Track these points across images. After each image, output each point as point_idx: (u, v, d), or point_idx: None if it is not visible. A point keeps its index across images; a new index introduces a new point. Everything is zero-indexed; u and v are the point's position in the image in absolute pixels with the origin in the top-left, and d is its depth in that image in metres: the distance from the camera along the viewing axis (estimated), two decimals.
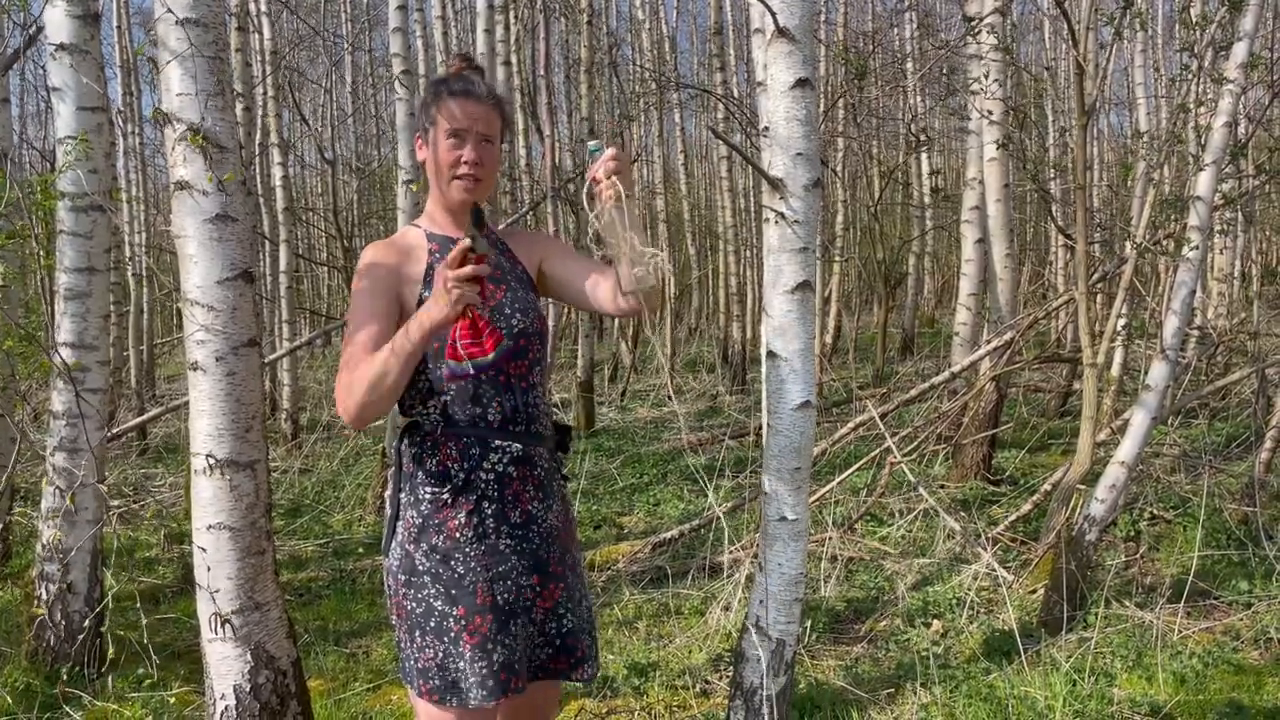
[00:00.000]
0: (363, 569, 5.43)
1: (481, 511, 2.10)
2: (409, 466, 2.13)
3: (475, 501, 2.10)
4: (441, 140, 2.11)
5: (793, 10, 2.51)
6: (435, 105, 2.13)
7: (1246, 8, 4.22)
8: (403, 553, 2.10)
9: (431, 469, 2.10)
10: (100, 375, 4.00)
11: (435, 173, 2.15)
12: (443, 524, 2.08)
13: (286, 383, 9.50)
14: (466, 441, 2.09)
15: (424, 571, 2.07)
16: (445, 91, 2.13)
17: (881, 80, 14.38)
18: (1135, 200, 6.67)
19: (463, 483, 2.09)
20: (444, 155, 2.11)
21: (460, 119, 2.10)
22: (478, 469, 2.10)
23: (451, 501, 2.08)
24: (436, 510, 2.08)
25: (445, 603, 2.06)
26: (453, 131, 2.10)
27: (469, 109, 2.11)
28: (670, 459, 7.95)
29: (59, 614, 3.93)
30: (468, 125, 2.10)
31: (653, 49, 16.18)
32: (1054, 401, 8.99)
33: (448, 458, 2.09)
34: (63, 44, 3.74)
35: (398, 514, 2.12)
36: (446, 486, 2.08)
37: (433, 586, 2.07)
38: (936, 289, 20.05)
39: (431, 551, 2.07)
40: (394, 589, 2.12)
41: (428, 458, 2.10)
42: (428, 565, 2.07)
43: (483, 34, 8.55)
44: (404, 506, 2.12)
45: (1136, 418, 4.25)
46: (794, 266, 2.59)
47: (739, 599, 4.32)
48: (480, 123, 2.12)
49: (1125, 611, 4.16)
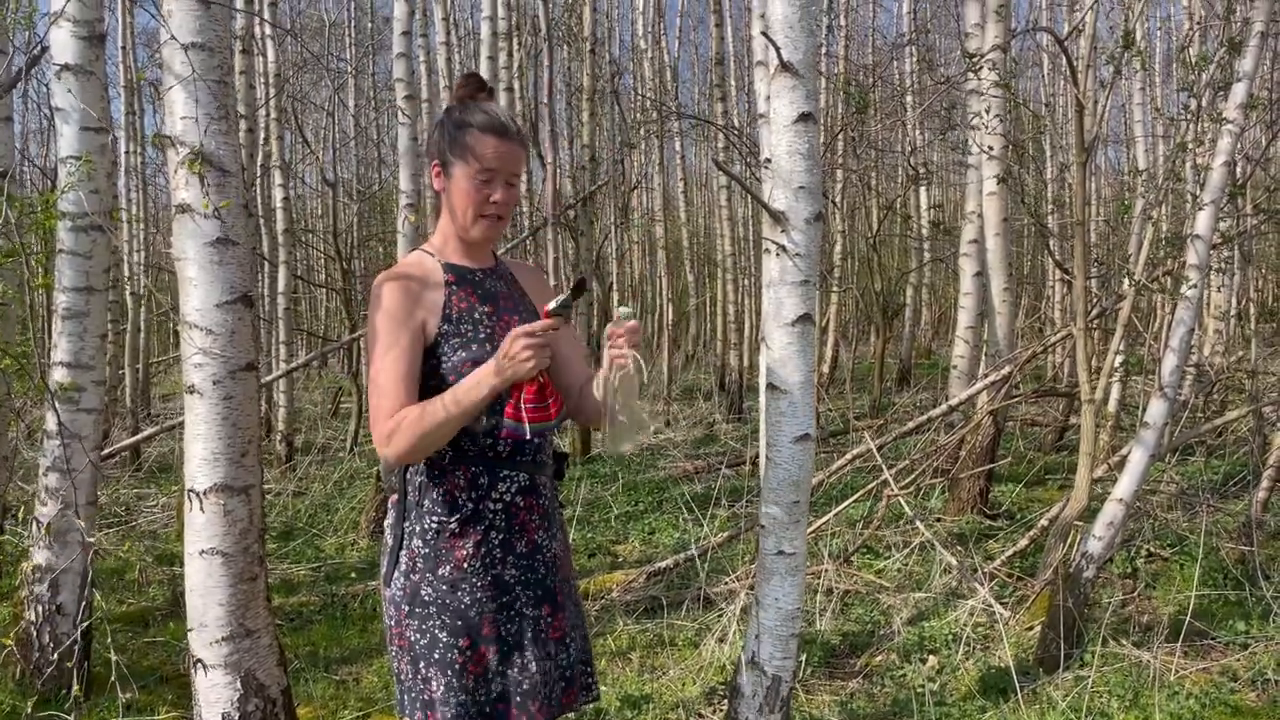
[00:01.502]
0: (355, 594, 5.39)
1: (489, 541, 2.08)
2: (414, 495, 2.09)
3: (483, 531, 2.08)
4: (471, 177, 2.07)
5: (796, 45, 2.52)
6: (464, 139, 2.08)
7: (1246, 49, 4.26)
8: (406, 582, 2.07)
9: (438, 498, 2.07)
10: (95, 395, 3.98)
11: (458, 207, 2.11)
12: (450, 554, 2.06)
13: (282, 404, 9.48)
14: (475, 471, 2.07)
15: (430, 601, 2.05)
16: (476, 126, 2.08)
17: (882, 113, 14.47)
18: (1133, 237, 6.70)
19: (471, 512, 2.07)
20: (473, 193, 2.07)
21: (493, 160, 2.06)
22: (486, 499, 2.08)
23: (459, 531, 2.06)
24: (444, 540, 2.06)
25: (450, 634, 2.04)
26: (484, 171, 2.07)
27: (503, 150, 2.07)
28: (666, 487, 7.92)
29: (47, 635, 3.89)
30: (500, 167, 2.07)
31: (654, 77, 16.29)
32: (1051, 436, 8.98)
33: (455, 487, 2.07)
34: (67, 64, 3.75)
35: (401, 544, 2.09)
36: (454, 516, 2.06)
37: (438, 617, 2.04)
38: (934, 320, 20.09)
39: (438, 582, 2.05)
40: (396, 619, 2.09)
41: (434, 487, 2.07)
42: (433, 595, 2.05)
43: (486, 60, 8.61)
44: (408, 536, 2.09)
45: (1135, 455, 4.24)
46: (795, 299, 2.59)
47: (734, 631, 4.29)
48: (510, 163, 2.09)
49: (1122, 650, 4.13)
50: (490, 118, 2.09)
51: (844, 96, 11.65)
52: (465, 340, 2.06)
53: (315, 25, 20.04)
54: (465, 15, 17.24)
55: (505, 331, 2.11)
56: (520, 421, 1.98)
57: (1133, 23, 4.90)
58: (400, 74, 6.92)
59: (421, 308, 2.06)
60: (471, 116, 2.10)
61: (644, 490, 7.80)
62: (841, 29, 14.35)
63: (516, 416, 1.99)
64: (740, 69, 17.47)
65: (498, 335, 2.10)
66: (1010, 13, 6.44)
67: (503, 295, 2.19)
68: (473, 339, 2.07)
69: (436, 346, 2.05)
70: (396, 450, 1.97)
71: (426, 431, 1.94)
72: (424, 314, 2.06)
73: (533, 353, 1.88)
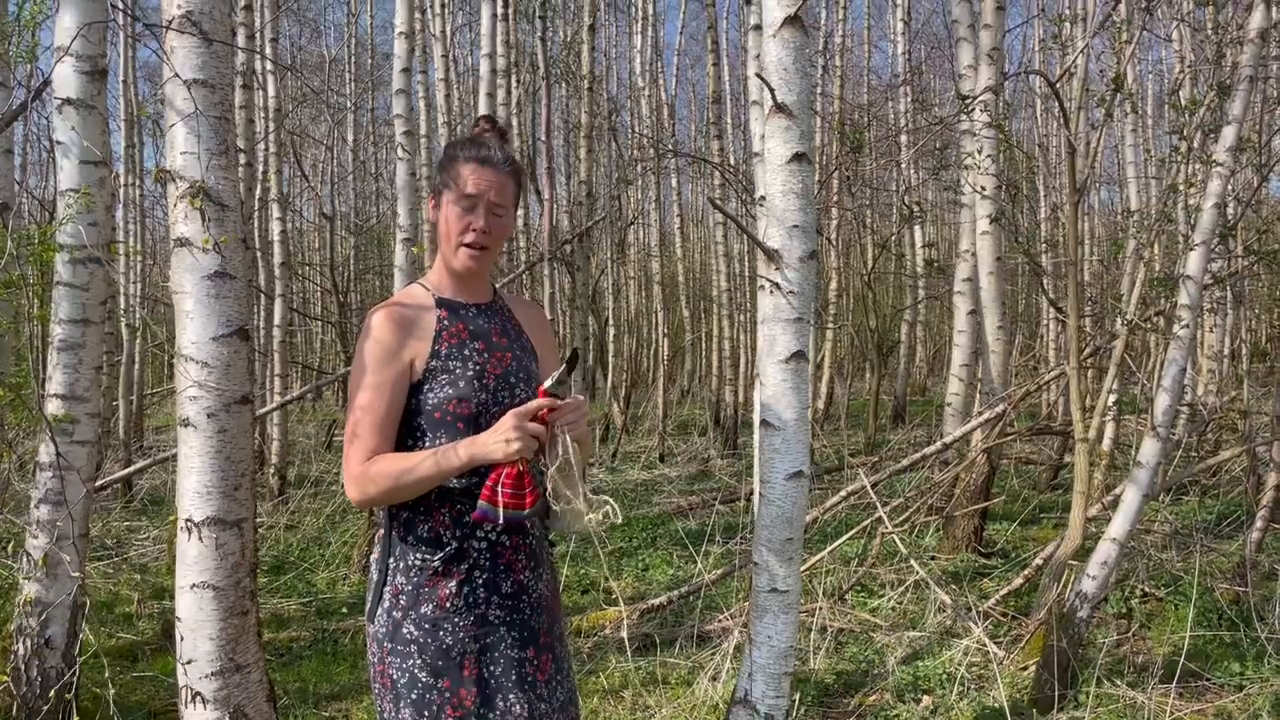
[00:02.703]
0: (345, 629, 5.35)
1: (473, 581, 2.05)
2: (399, 531, 2.06)
3: (467, 571, 2.04)
4: (453, 205, 2.08)
5: (790, 86, 2.55)
6: (451, 168, 2.10)
7: (1235, 93, 4.31)
8: (389, 620, 2.03)
9: (423, 535, 2.04)
10: (90, 427, 3.97)
11: (444, 237, 2.11)
12: (433, 592, 2.02)
13: (276, 437, 9.45)
14: (460, 508, 2.03)
15: (410, 640, 2.01)
16: (461, 156, 2.10)
17: (876, 153, 14.60)
18: (1126, 278, 6.74)
19: (455, 551, 2.03)
20: (454, 221, 2.08)
21: (472, 187, 2.07)
22: (470, 537, 2.04)
23: (443, 570, 2.03)
24: (426, 578, 2.03)
25: (429, 674, 2.00)
26: (465, 197, 2.07)
27: (483, 176, 2.07)
28: (660, 523, 7.89)
29: (35, 669, 3.85)
30: (479, 193, 2.07)
31: (652, 115, 16.43)
32: (1046, 474, 8.98)
33: (440, 524, 2.03)
34: (69, 99, 3.78)
35: (385, 580, 2.06)
36: (438, 554, 2.03)
37: (419, 657, 2.01)
38: (928, 357, 20.14)
39: (420, 620, 2.01)
40: (378, 656, 2.05)
41: (420, 523, 2.04)
42: (414, 634, 2.01)
43: (484, 97, 8.68)
44: (392, 572, 2.05)
45: (1128, 495, 4.24)
46: (788, 336, 2.60)
47: (727, 669, 4.27)
48: (493, 190, 2.08)
49: (1117, 691, 4.11)
50: (477, 147, 2.11)
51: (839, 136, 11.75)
52: (453, 377, 2.05)
53: (316, 61, 20.22)
54: (465, 52, 17.41)
55: (496, 367, 2.10)
56: (494, 506, 1.95)
57: (1123, 66, 4.97)
58: (399, 110, 6.98)
59: (411, 344, 2.05)
60: (460, 148, 2.12)
61: (638, 526, 7.77)
62: (836, 69, 14.51)
63: (492, 500, 1.95)
64: (737, 107, 17.63)
65: (488, 371, 2.09)
66: (1003, 55, 6.53)
67: (495, 331, 2.17)
68: (460, 376, 2.06)
69: (423, 383, 2.05)
70: (364, 497, 1.99)
71: (399, 487, 1.97)
72: (412, 350, 2.05)
73: (518, 435, 1.91)
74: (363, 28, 18.64)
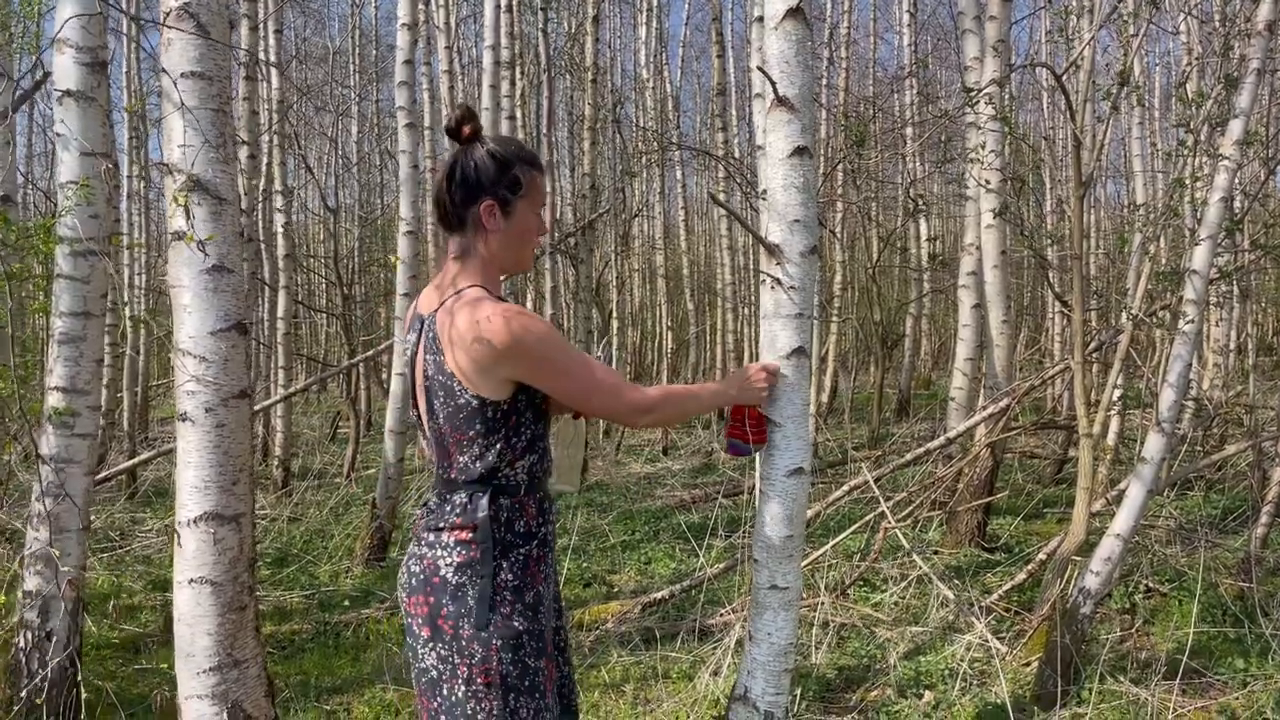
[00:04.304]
0: (348, 622, 5.35)
1: (547, 562, 2.20)
2: (499, 532, 2.12)
3: (546, 554, 2.20)
4: (532, 213, 2.23)
5: (792, 80, 2.53)
6: (527, 177, 2.21)
7: (1243, 85, 4.28)
8: (500, 618, 2.08)
9: (520, 530, 2.14)
10: (91, 420, 3.97)
11: (516, 240, 2.22)
12: (533, 580, 2.14)
13: (280, 429, 9.45)
14: (540, 497, 2.20)
15: (522, 631, 2.09)
16: (534, 165, 2.23)
17: (881, 145, 14.54)
18: (1131, 272, 6.71)
19: (541, 537, 2.18)
20: (535, 225, 2.24)
21: (546, 195, 2.28)
22: (546, 523, 2.21)
23: (537, 557, 2.16)
24: (527, 569, 2.13)
25: (535, 657, 2.11)
26: (543, 206, 2.25)
27: (546, 184, 2.30)
28: (663, 516, 7.89)
29: (36, 662, 3.85)
30: (547, 201, 2.30)
31: (656, 107, 16.38)
32: (1050, 468, 8.95)
33: (530, 516, 2.16)
34: (69, 90, 3.77)
35: (493, 580, 2.09)
36: (533, 543, 2.15)
37: (529, 644, 2.10)
38: (933, 351, 20.09)
39: (525, 609, 2.11)
40: (482, 657, 2.06)
41: (516, 520, 2.14)
42: (523, 625, 2.10)
43: (488, 89, 8.66)
44: (501, 571, 2.10)
45: (1132, 490, 4.22)
46: (789, 332, 2.58)
47: (728, 664, 4.26)
48: None
49: (1120, 687, 4.10)
50: (535, 154, 2.30)
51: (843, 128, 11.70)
52: None
53: (320, 53, 20.19)
54: (469, 44, 17.35)
55: None
56: (746, 441, 2.41)
57: (1130, 59, 4.93)
58: (402, 102, 6.95)
59: None
60: (522, 152, 2.24)
61: (640, 520, 7.76)
62: (842, 61, 14.45)
63: (743, 437, 2.41)
64: (741, 99, 17.58)
65: None
66: (1009, 47, 6.48)
67: None
68: None
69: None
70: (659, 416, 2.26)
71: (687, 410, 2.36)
72: None
73: (767, 384, 2.44)
74: (367, 19, 18.61)
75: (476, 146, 2.17)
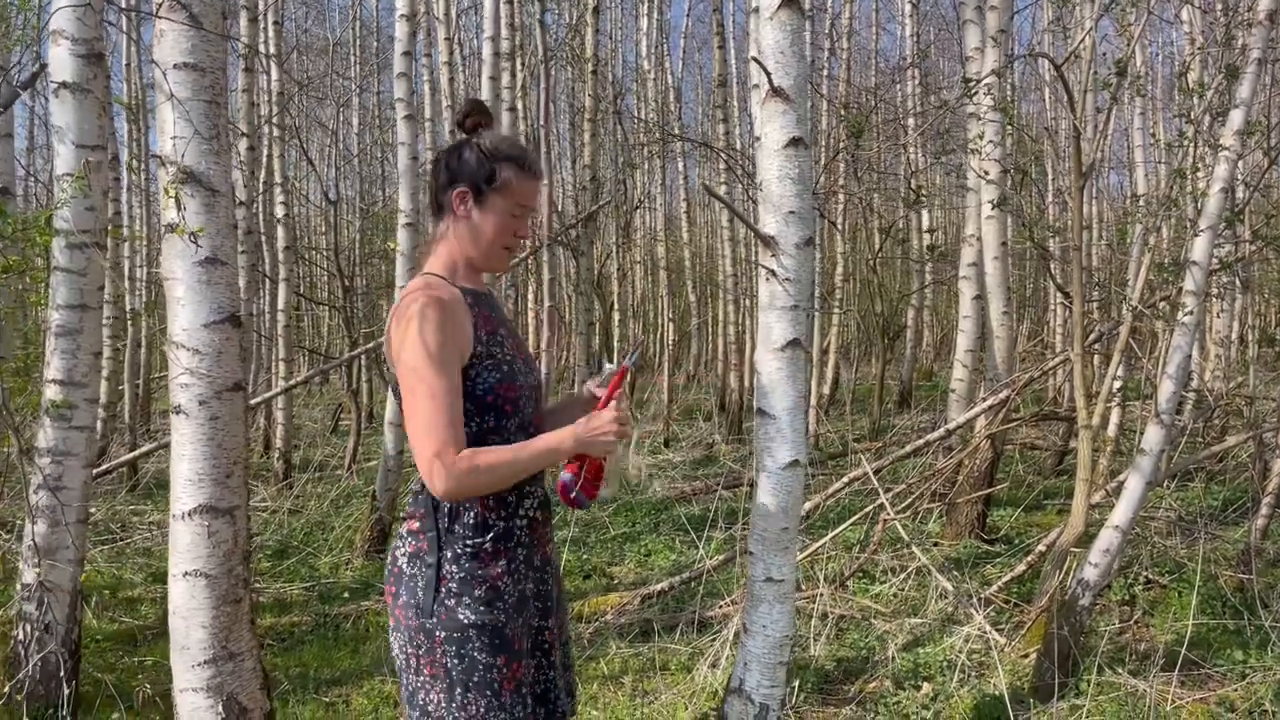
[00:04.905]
0: (347, 614, 5.36)
1: (516, 558, 2.13)
2: (444, 522, 2.09)
3: (512, 549, 2.12)
4: (508, 213, 2.15)
5: (787, 70, 2.52)
6: (502, 174, 2.14)
7: (1243, 76, 4.25)
8: (443, 609, 2.06)
9: (470, 521, 2.09)
10: (88, 413, 3.96)
11: (485, 238, 2.16)
12: (485, 574, 2.08)
13: (281, 421, 9.46)
14: (505, 491, 2.11)
15: (467, 625, 2.05)
16: (515, 164, 2.15)
17: (882, 136, 14.50)
18: (1132, 263, 6.69)
19: (502, 531, 2.10)
20: (505, 228, 2.15)
21: (529, 200, 2.17)
22: (514, 516, 2.13)
23: (492, 551, 2.09)
24: (480, 563, 2.08)
25: (489, 654, 2.06)
26: (520, 208, 2.16)
27: (534, 190, 2.18)
28: (663, 508, 7.89)
29: (35, 654, 3.86)
30: (531, 205, 2.18)
31: (657, 98, 16.33)
32: (1051, 460, 8.94)
33: (485, 508, 2.10)
34: (65, 82, 3.75)
35: (437, 571, 2.08)
36: (488, 536, 2.09)
37: (477, 639, 2.05)
38: (935, 342, 20.05)
39: (475, 604, 2.06)
40: (426, 648, 2.06)
41: (465, 511, 2.09)
42: (471, 619, 2.05)
43: (488, 80, 8.63)
44: (443, 563, 2.08)
45: (1131, 482, 4.21)
46: (784, 324, 2.58)
47: (727, 656, 4.26)
48: (537, 202, 2.23)
49: (1118, 679, 4.09)
50: (529, 157, 2.19)
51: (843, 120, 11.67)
52: (496, 362, 2.10)
53: (321, 45, 20.14)
54: (470, 35, 17.31)
55: (521, 350, 2.20)
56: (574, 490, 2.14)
57: (1130, 48, 4.91)
58: (401, 94, 6.94)
59: (460, 332, 2.07)
60: (512, 151, 2.17)
61: (641, 512, 7.77)
62: (844, 51, 14.40)
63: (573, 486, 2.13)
64: (743, 90, 17.50)
65: (519, 354, 2.18)
66: (1010, 37, 6.45)
67: (502, 315, 2.25)
68: (503, 360, 2.12)
69: (470, 369, 2.07)
70: (459, 488, 1.98)
71: (505, 478, 2.03)
72: (463, 338, 2.07)
73: (616, 435, 2.06)
74: (367, 10, 18.60)
75: (471, 138, 2.17)
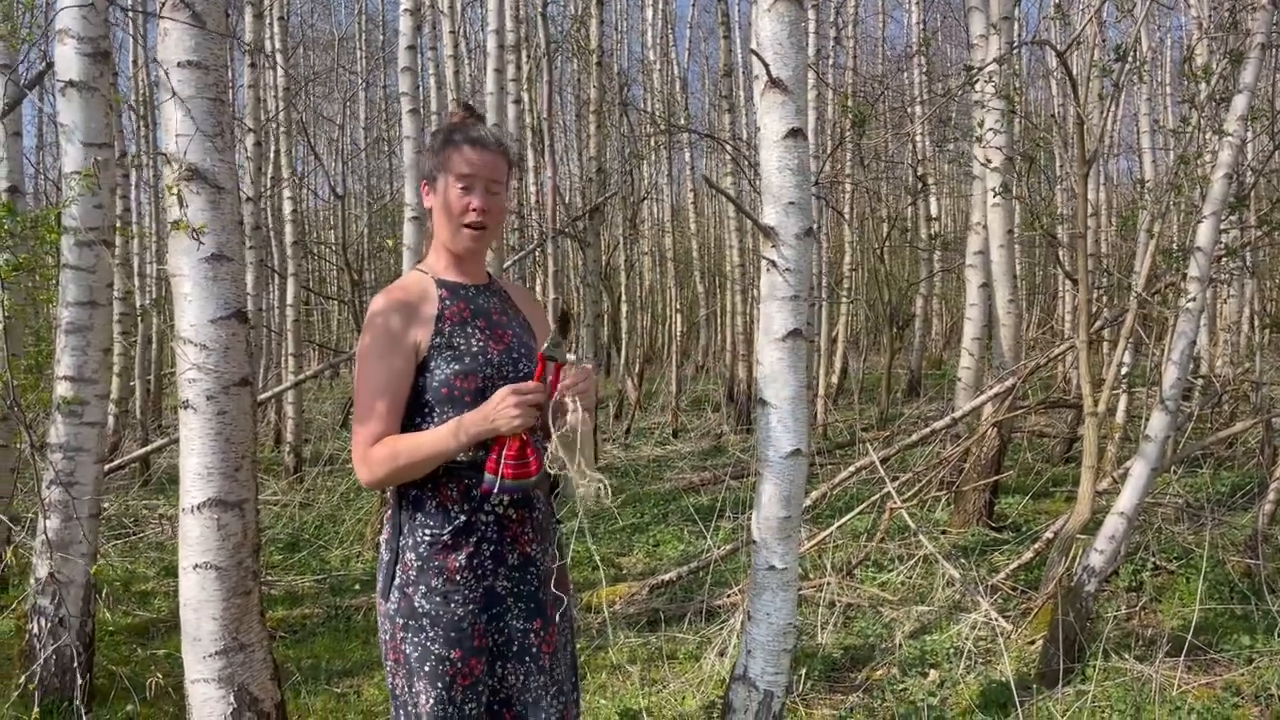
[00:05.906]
0: (358, 606, 5.40)
1: (481, 553, 2.10)
2: (407, 508, 2.11)
3: (475, 544, 2.09)
4: (452, 188, 2.14)
5: (785, 61, 2.53)
6: (444, 153, 2.17)
7: (1247, 60, 4.24)
8: (400, 596, 2.08)
9: (431, 510, 2.08)
10: (99, 409, 4.00)
11: (444, 219, 2.17)
12: (443, 565, 2.07)
13: (291, 415, 9.51)
14: (468, 483, 2.08)
15: (423, 614, 2.06)
16: (454, 140, 2.16)
17: (889, 124, 14.46)
18: (1138, 249, 6.68)
19: (463, 524, 2.08)
20: (454, 202, 2.14)
21: (469, 167, 2.13)
22: (479, 510, 2.09)
23: (451, 543, 2.07)
24: (436, 552, 2.07)
25: (442, 646, 2.05)
26: (463, 177, 2.13)
27: (478, 157, 2.14)
28: (672, 499, 7.92)
29: (50, 648, 3.90)
30: (475, 172, 2.14)
31: (664, 89, 16.30)
32: (1059, 447, 8.94)
33: (448, 498, 2.08)
34: (71, 81, 3.78)
35: (396, 557, 2.10)
36: (447, 528, 2.07)
37: (431, 630, 2.06)
38: (944, 330, 20.03)
39: (431, 593, 2.06)
40: (390, 633, 2.10)
41: (427, 499, 2.09)
42: (426, 608, 2.06)
43: (493, 73, 8.62)
44: (403, 549, 2.10)
45: (1136, 468, 4.22)
46: (784, 314, 2.59)
47: (734, 644, 4.28)
48: (487, 170, 2.15)
49: (1124, 664, 4.10)
50: (467, 130, 2.18)
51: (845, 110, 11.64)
52: (457, 354, 2.09)
53: (326, 39, 20.16)
54: (475, 28, 17.30)
55: (498, 343, 2.15)
56: (497, 476, 2.00)
57: (1134, 33, 4.89)
58: (406, 88, 6.95)
59: (414, 326, 2.09)
60: (451, 133, 2.19)
61: (650, 502, 7.80)
62: (850, 39, 14.35)
63: (495, 471, 2.01)
64: (749, 80, 17.45)
65: (491, 347, 2.13)
66: (1014, 24, 6.43)
67: (495, 310, 2.22)
68: (465, 352, 2.10)
69: (428, 361, 2.09)
70: (373, 478, 2.06)
71: (403, 466, 2.03)
72: (416, 333, 2.09)
73: (520, 412, 1.97)
74: (373, 4, 18.60)
75: None
